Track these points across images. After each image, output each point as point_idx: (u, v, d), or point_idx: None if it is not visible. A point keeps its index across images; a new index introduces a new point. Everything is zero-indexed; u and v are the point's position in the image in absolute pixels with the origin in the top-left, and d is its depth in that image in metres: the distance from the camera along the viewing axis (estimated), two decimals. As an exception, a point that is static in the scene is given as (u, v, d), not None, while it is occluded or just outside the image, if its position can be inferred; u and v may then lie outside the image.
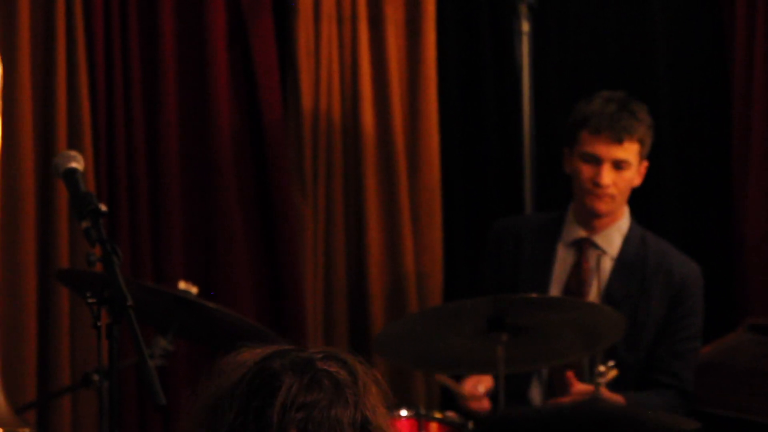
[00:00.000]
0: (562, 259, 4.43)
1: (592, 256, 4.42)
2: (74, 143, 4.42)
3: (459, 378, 4.42)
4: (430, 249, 4.88)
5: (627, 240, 4.42)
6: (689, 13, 5.13)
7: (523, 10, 4.81)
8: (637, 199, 4.61)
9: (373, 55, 4.84)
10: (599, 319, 4.03)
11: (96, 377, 3.51)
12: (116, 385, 3.02)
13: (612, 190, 4.30)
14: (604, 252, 4.41)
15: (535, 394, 4.44)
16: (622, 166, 4.29)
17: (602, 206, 4.33)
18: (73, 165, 3.33)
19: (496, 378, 4.30)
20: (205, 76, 4.67)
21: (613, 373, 4.19)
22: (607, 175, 4.27)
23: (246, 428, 1.97)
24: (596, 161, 4.29)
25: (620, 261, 4.40)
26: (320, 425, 1.97)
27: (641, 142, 4.31)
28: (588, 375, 4.24)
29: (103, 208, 3.19)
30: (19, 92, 4.40)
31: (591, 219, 4.39)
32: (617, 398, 4.21)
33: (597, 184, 4.28)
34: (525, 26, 4.82)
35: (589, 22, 5.09)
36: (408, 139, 4.89)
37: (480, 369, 4.19)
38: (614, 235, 4.42)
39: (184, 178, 4.67)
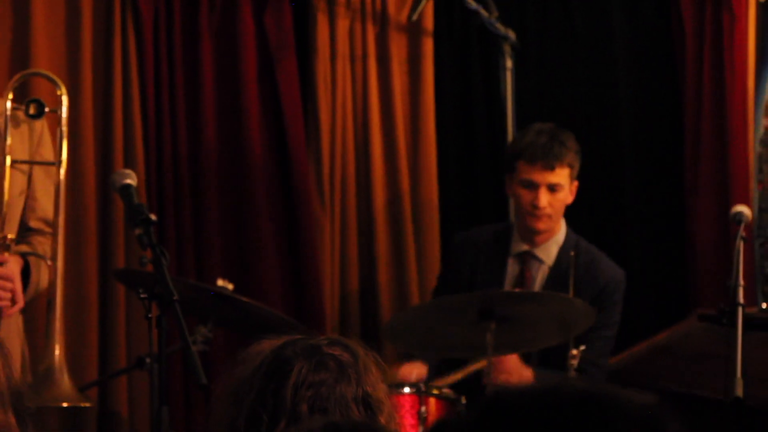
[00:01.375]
0: (510, 269, 4.42)
1: (533, 266, 4.41)
2: (129, 163, 4.44)
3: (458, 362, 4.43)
4: (430, 252, 4.84)
5: (562, 250, 4.39)
6: (647, 52, 5.11)
7: (507, 49, 4.75)
8: (602, 207, 4.61)
9: (381, 89, 4.81)
10: (572, 310, 3.98)
11: (148, 360, 3.48)
12: (165, 367, 3.04)
13: (548, 210, 4.28)
14: (542, 262, 4.40)
15: None
16: (555, 189, 4.27)
17: (541, 225, 4.33)
18: (128, 181, 3.35)
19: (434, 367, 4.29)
20: (239, 106, 4.66)
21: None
22: (544, 198, 4.26)
23: (265, 406, 1.98)
24: (533, 186, 4.27)
25: (555, 269, 4.37)
26: (327, 400, 1.98)
27: (570, 166, 4.28)
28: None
29: (153, 217, 3.20)
30: (82, 120, 4.41)
31: (532, 235, 4.38)
32: (528, 370, 4.19)
33: (536, 206, 4.26)
34: (509, 63, 4.77)
35: (562, 60, 5.05)
36: (410, 159, 4.86)
37: (472, 353, 4.13)
38: (552, 247, 4.39)
39: (222, 191, 4.66)
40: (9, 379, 1.84)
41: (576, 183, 4.36)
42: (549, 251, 4.41)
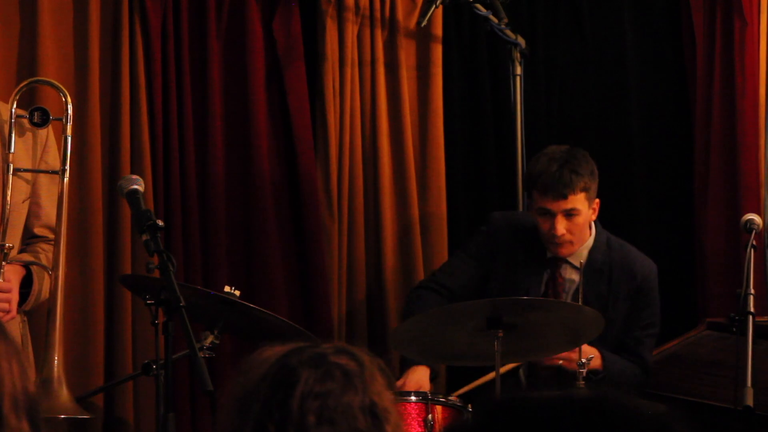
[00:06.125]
0: (545, 273, 4.41)
1: (564, 270, 4.40)
2: (136, 169, 4.43)
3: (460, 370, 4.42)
4: (437, 258, 4.83)
5: (593, 250, 4.39)
6: (657, 60, 5.13)
7: (517, 56, 4.75)
8: (614, 218, 4.61)
9: (389, 95, 4.83)
10: (581, 318, 3.98)
11: (154, 366, 3.51)
12: (171, 374, 3.06)
13: (567, 237, 4.28)
14: (574, 266, 4.38)
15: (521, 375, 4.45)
16: (572, 214, 4.26)
17: (563, 250, 4.33)
18: (135, 187, 3.36)
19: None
20: (247, 112, 4.66)
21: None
22: (561, 226, 4.25)
23: (271, 417, 1.96)
24: (549, 214, 4.26)
25: (588, 268, 4.34)
26: (334, 411, 1.95)
27: (585, 190, 4.26)
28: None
29: (160, 223, 3.22)
30: (90, 127, 4.41)
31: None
32: (594, 350, 4.21)
33: (554, 234, 4.26)
34: (518, 69, 4.76)
35: (571, 67, 5.08)
36: (418, 165, 4.88)
37: (480, 361, 4.13)
38: (582, 251, 4.38)
39: (229, 198, 4.67)
40: (25, 387, 1.85)
41: (597, 201, 4.34)
42: (580, 255, 4.39)
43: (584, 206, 4.28)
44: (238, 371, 2.03)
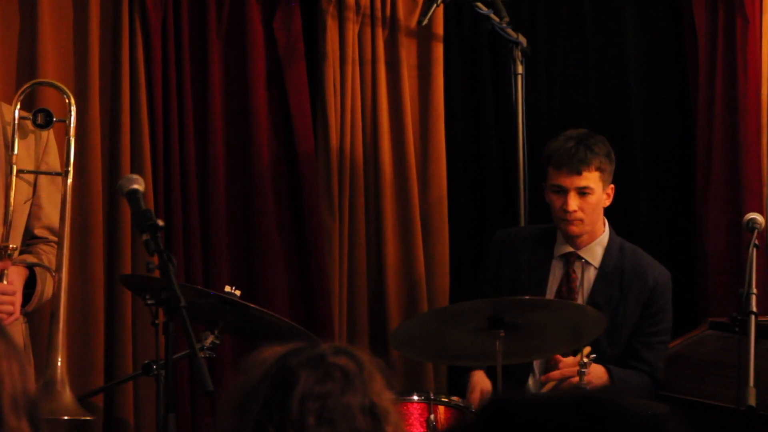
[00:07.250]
0: (554, 271, 4.42)
1: (578, 267, 4.42)
2: (136, 169, 4.43)
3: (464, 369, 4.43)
4: (439, 257, 4.86)
5: (607, 251, 4.40)
6: (659, 58, 5.14)
7: (518, 55, 4.74)
8: (616, 216, 4.62)
9: (390, 94, 4.82)
10: (582, 318, 3.99)
11: (154, 367, 3.50)
12: (171, 374, 3.06)
13: (579, 215, 4.29)
14: (588, 263, 4.41)
15: (531, 383, 4.47)
16: (585, 192, 4.28)
17: (574, 229, 4.33)
18: (135, 186, 3.36)
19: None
20: (247, 111, 4.66)
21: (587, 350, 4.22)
22: (573, 202, 4.27)
23: (271, 418, 1.96)
24: (563, 191, 4.28)
25: (602, 270, 4.38)
26: (334, 412, 1.96)
27: (600, 169, 4.29)
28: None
29: (161, 223, 3.22)
30: (90, 127, 4.41)
31: (571, 239, 4.39)
32: (600, 368, 4.22)
33: (566, 211, 4.28)
34: (519, 69, 4.75)
35: (573, 65, 5.08)
36: (419, 165, 4.88)
37: (481, 361, 4.15)
38: (596, 248, 4.40)
39: (230, 198, 4.67)
40: (25, 387, 1.85)
41: (612, 186, 4.37)
42: (594, 252, 4.41)
43: (598, 186, 4.30)
44: (237, 371, 2.02)
